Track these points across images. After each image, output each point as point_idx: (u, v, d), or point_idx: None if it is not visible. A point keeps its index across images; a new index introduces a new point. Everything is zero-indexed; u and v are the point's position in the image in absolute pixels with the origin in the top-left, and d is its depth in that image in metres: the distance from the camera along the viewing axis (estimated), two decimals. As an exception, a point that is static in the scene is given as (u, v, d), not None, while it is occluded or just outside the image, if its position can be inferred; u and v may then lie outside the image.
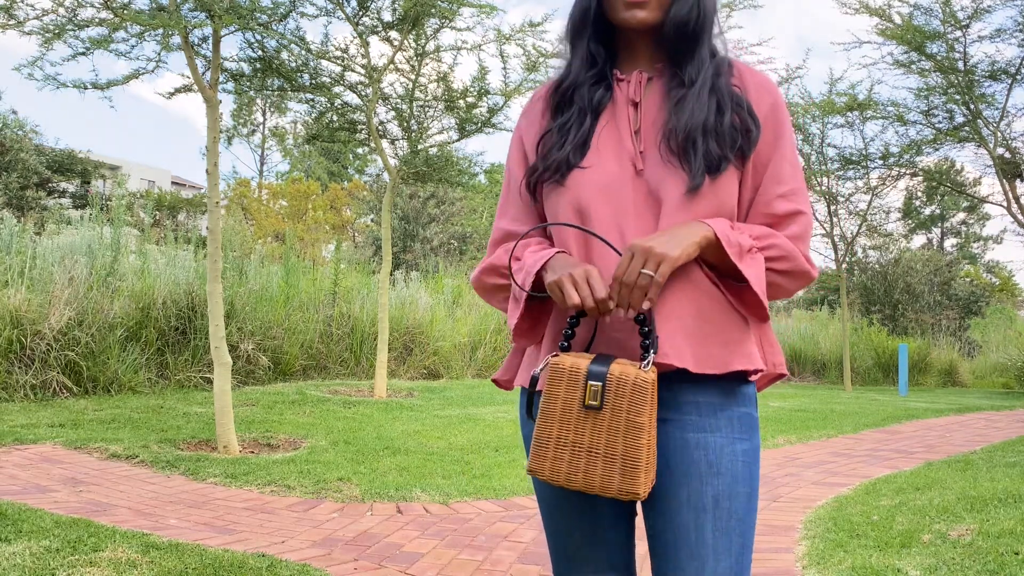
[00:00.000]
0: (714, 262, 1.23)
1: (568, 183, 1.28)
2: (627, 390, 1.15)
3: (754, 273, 1.21)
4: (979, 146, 11.32)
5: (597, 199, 1.26)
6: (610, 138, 1.30)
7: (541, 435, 1.19)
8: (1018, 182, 11.59)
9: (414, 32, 6.93)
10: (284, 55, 6.25)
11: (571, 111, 1.33)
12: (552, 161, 1.30)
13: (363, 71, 7.05)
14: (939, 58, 10.40)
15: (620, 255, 1.22)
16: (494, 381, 1.45)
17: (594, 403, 1.16)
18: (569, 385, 1.17)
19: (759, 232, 1.25)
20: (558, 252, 1.26)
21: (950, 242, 35.08)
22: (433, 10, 6.60)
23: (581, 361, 1.18)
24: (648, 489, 1.17)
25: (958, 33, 10.25)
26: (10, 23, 4.68)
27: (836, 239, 12.89)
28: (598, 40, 1.35)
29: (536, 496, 1.39)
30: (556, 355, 1.20)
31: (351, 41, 6.93)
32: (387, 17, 6.82)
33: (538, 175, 1.32)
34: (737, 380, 1.27)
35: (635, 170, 1.27)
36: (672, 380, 1.24)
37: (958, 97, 10.74)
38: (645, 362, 1.16)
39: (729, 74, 1.31)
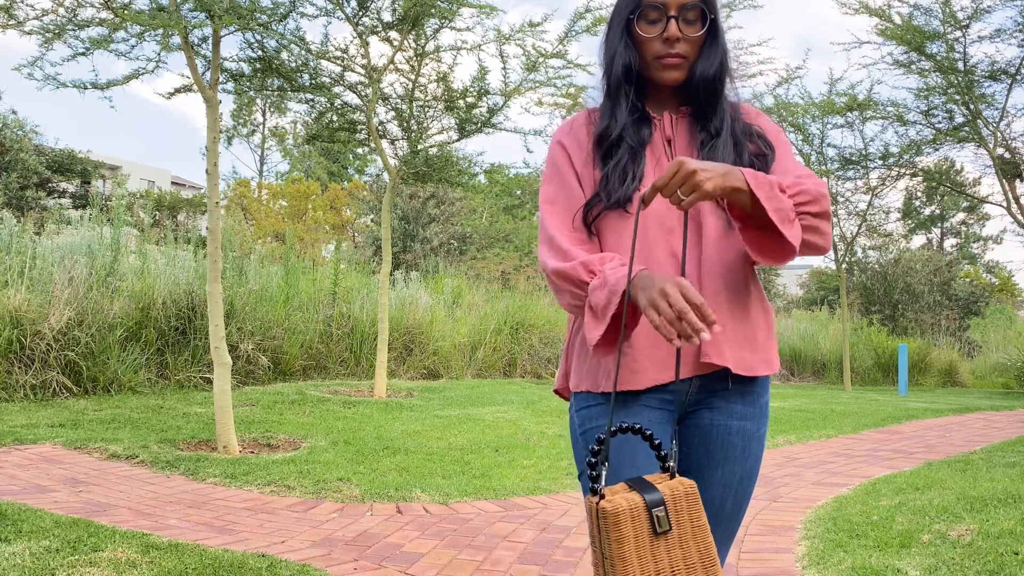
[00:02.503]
0: (741, 206, 1.35)
1: (631, 211, 1.44)
2: (684, 503, 1.24)
3: (774, 207, 1.32)
4: (979, 146, 11.32)
5: (654, 225, 1.44)
6: (657, 172, 1.48)
7: None
8: (1018, 182, 11.59)
9: (414, 32, 6.93)
10: (284, 55, 6.25)
11: (621, 151, 1.47)
12: (617, 198, 1.44)
13: (363, 71, 7.05)
14: (939, 58, 10.39)
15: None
16: (556, 392, 1.59)
17: (665, 528, 1.22)
18: (634, 523, 1.21)
19: (789, 181, 1.40)
20: (643, 269, 1.31)
21: (950, 242, 35.07)
22: (433, 10, 6.60)
23: (632, 496, 1.22)
24: None
25: (958, 33, 10.24)
26: (10, 23, 4.68)
27: (836, 239, 12.89)
28: (634, 88, 1.52)
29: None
30: (596, 502, 1.22)
31: (351, 41, 6.93)
32: (387, 17, 6.82)
33: (601, 210, 1.46)
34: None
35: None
36: (712, 378, 1.44)
37: (958, 97, 10.74)
38: (670, 473, 1.27)
39: (739, 113, 1.54)
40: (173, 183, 41.85)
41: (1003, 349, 14.14)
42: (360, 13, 6.76)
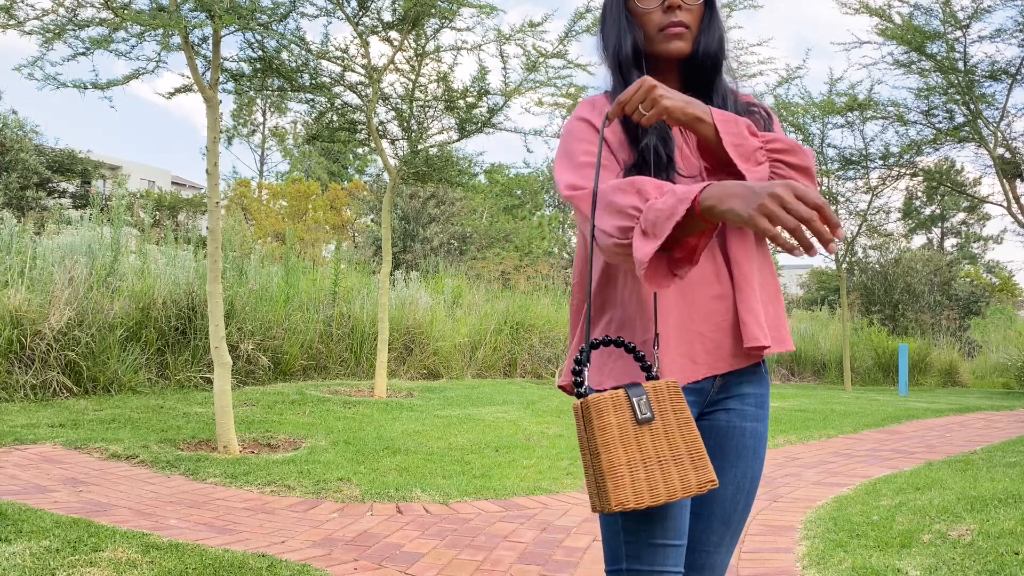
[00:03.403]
0: (705, 139, 1.34)
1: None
2: (667, 394, 1.26)
3: (734, 142, 1.32)
4: (979, 146, 11.32)
5: None
6: (679, 156, 1.46)
7: (611, 465, 1.20)
8: (1018, 182, 11.59)
9: (414, 32, 6.93)
10: (284, 55, 6.25)
11: (650, 134, 1.41)
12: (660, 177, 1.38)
13: (363, 71, 7.05)
14: (939, 58, 10.39)
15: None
16: (561, 388, 1.54)
17: (647, 415, 1.23)
18: (615, 410, 1.23)
19: (769, 136, 1.39)
20: (711, 183, 1.20)
21: (950, 242, 35.07)
22: (433, 10, 6.59)
23: (615, 392, 1.25)
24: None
25: (958, 33, 10.24)
26: (10, 23, 4.68)
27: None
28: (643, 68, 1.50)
29: (628, 515, 1.33)
30: (583, 400, 1.25)
31: (351, 41, 6.93)
32: (387, 17, 6.82)
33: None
34: (759, 364, 1.46)
35: (702, 179, 1.42)
36: (733, 375, 1.42)
37: (958, 97, 10.73)
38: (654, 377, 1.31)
39: (736, 94, 1.53)
40: (173, 183, 41.85)
41: (1003, 349, 14.13)
42: (360, 13, 6.76)
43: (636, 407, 1.23)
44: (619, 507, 1.19)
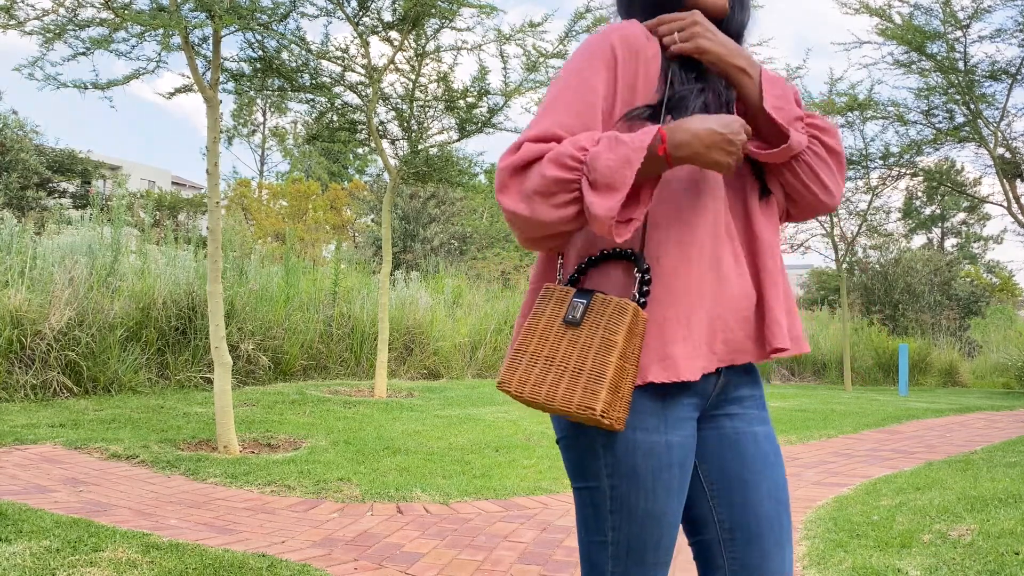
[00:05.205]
0: (744, 95, 1.26)
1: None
2: (608, 309, 1.16)
3: (775, 104, 1.25)
4: (979, 146, 11.32)
5: (705, 190, 1.30)
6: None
7: (518, 350, 1.21)
8: (1018, 182, 11.59)
9: (414, 32, 6.93)
10: (284, 55, 6.25)
11: (705, 82, 1.28)
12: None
13: (363, 71, 7.05)
14: (939, 58, 10.39)
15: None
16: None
17: (574, 318, 1.18)
18: (556, 303, 1.21)
19: (807, 112, 1.31)
20: (673, 122, 1.14)
21: (950, 242, 35.07)
22: (433, 10, 6.60)
23: (568, 287, 1.22)
24: (611, 413, 1.13)
25: (958, 33, 10.24)
26: (10, 23, 4.68)
27: (836, 239, 12.89)
28: None
29: (630, 482, 1.21)
30: (547, 284, 1.25)
31: (351, 41, 6.93)
32: (387, 17, 6.82)
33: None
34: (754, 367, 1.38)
35: None
36: (732, 376, 1.31)
37: (958, 97, 10.73)
38: (637, 300, 1.19)
39: None
40: (173, 183, 41.85)
41: (1003, 349, 14.13)
42: (360, 13, 6.76)
43: (570, 307, 1.18)
44: (499, 387, 1.20)
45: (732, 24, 1.35)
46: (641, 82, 1.23)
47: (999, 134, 11.02)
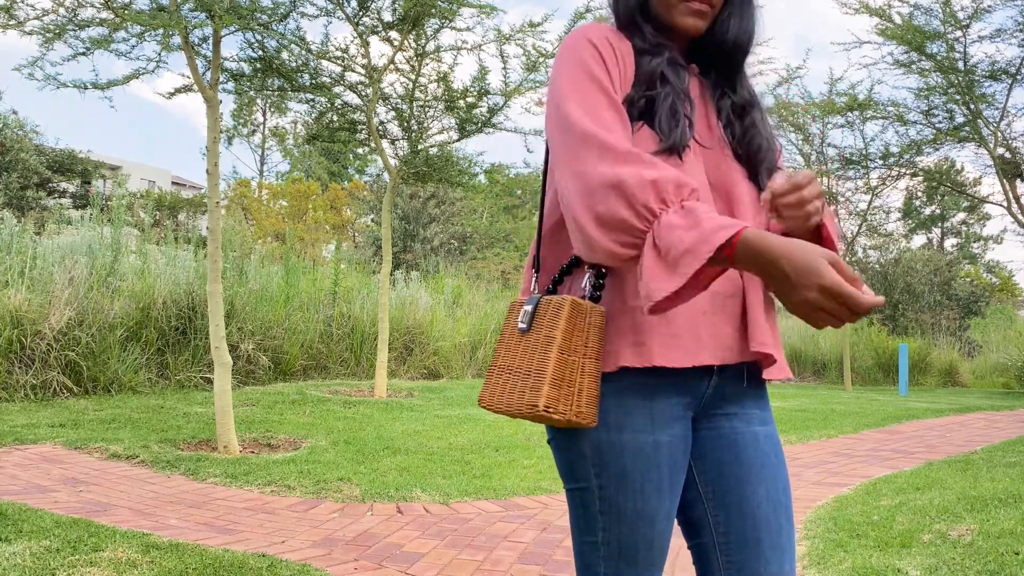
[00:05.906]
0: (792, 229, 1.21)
1: (685, 159, 1.24)
2: (548, 309, 1.17)
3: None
4: (979, 146, 11.33)
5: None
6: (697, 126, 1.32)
7: (492, 366, 1.25)
8: (1018, 182, 11.59)
9: (414, 32, 6.93)
10: (284, 55, 6.25)
11: (667, 87, 1.24)
12: (674, 140, 1.21)
13: (363, 71, 7.05)
14: (939, 58, 10.40)
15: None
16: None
17: (523, 325, 1.20)
18: (513, 315, 1.25)
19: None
20: (747, 227, 1.04)
21: (950, 242, 35.09)
22: (433, 10, 6.60)
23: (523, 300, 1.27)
24: (558, 408, 1.12)
25: (958, 33, 10.25)
26: (10, 23, 4.68)
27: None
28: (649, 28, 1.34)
29: (618, 482, 1.20)
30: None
31: (351, 41, 6.93)
32: (387, 17, 6.83)
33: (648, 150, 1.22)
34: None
35: (722, 151, 1.30)
36: (729, 375, 1.26)
37: (958, 97, 10.74)
38: (591, 295, 1.19)
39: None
40: (173, 183, 41.86)
41: (1003, 349, 14.14)
42: (360, 13, 6.76)
43: (521, 316, 1.21)
44: (479, 403, 1.23)
45: (727, 34, 1.30)
46: (620, 73, 1.23)
47: (999, 134, 11.02)
